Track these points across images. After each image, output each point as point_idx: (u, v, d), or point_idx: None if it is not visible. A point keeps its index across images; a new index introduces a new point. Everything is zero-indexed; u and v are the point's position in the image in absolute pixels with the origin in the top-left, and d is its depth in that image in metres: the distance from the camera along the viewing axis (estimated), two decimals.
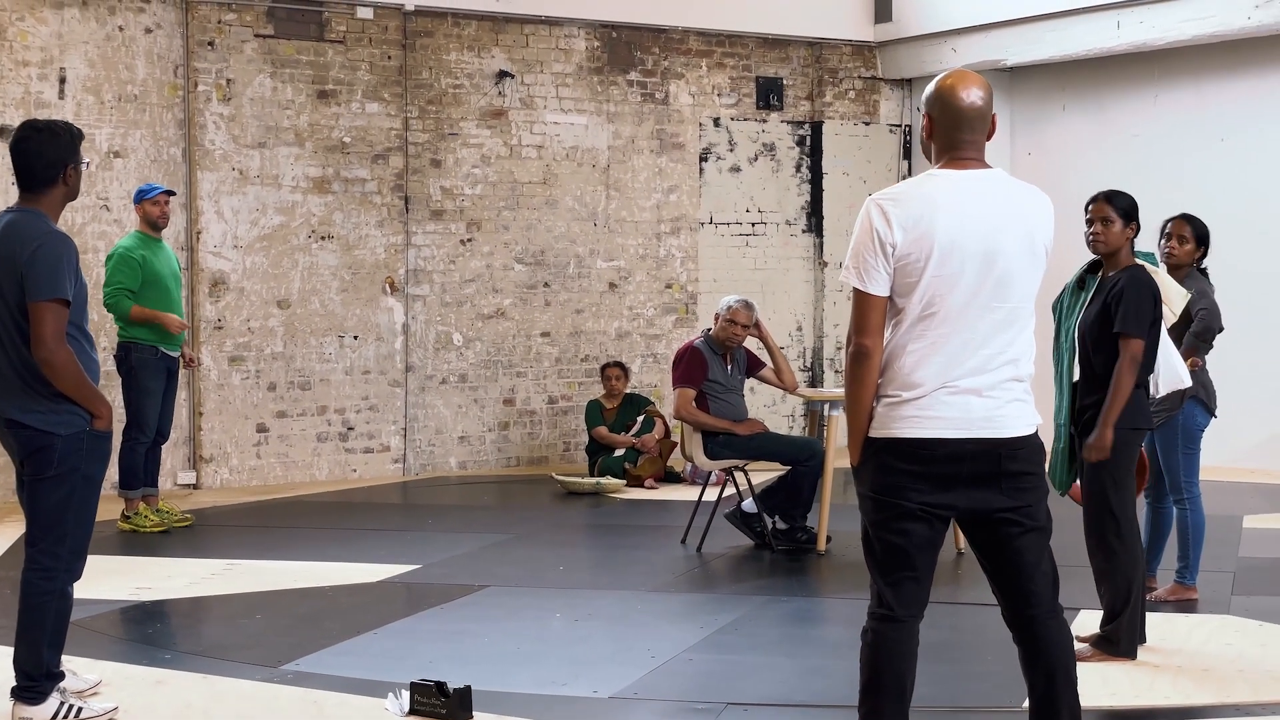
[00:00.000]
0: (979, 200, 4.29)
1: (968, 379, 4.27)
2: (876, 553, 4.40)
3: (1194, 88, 12.98)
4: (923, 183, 4.34)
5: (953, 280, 4.23)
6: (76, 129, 5.65)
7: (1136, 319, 6.18)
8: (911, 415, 4.27)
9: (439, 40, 12.75)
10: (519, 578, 8.33)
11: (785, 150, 14.42)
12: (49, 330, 5.31)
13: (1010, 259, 4.28)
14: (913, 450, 4.27)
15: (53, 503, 5.43)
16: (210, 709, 5.70)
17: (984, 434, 4.27)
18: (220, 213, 11.82)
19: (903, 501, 4.31)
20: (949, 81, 4.41)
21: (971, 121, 4.36)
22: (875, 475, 4.35)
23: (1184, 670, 6.24)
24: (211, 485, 11.82)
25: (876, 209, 4.27)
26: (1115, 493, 6.29)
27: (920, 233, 4.22)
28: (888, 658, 4.41)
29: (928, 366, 4.27)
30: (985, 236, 4.25)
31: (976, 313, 4.26)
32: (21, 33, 10.99)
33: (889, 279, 4.26)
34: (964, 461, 4.27)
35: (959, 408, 4.26)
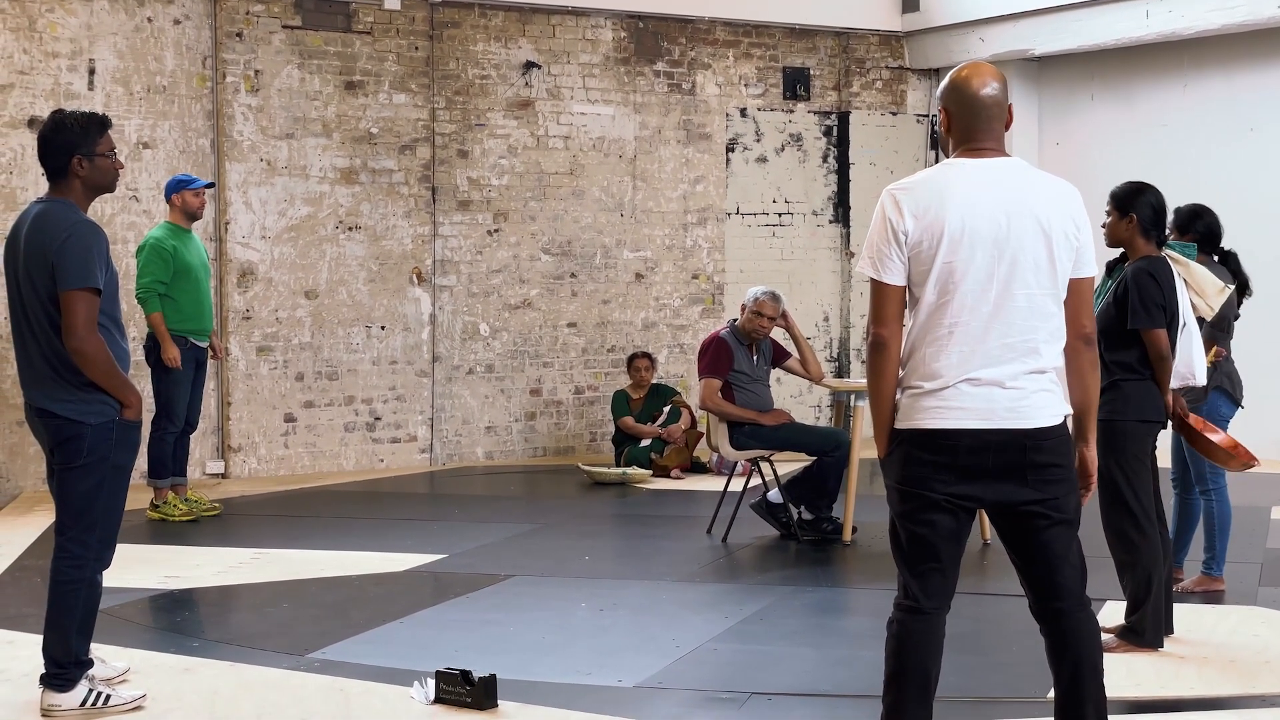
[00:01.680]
0: (991, 188, 4.29)
1: (990, 368, 4.24)
2: (903, 544, 4.40)
3: (1223, 78, 12.91)
4: (937, 171, 4.36)
5: (965, 266, 4.22)
6: (96, 119, 5.58)
7: (1145, 311, 6.21)
8: (934, 406, 4.26)
9: (466, 31, 12.77)
10: (545, 567, 8.35)
11: (812, 140, 14.39)
12: (80, 319, 5.34)
13: (1024, 246, 4.25)
14: (937, 441, 4.26)
15: (82, 491, 5.46)
16: (237, 697, 5.73)
17: (1008, 424, 4.24)
18: (248, 203, 11.86)
19: (928, 493, 4.29)
20: (964, 74, 4.43)
21: (988, 111, 4.39)
22: (901, 467, 4.34)
23: (1210, 661, 6.22)
24: (240, 475, 11.87)
25: (890, 198, 4.30)
26: (1128, 486, 6.29)
27: (930, 219, 4.23)
28: (912, 649, 4.40)
29: (948, 356, 4.26)
30: (996, 222, 4.24)
31: (995, 300, 4.24)
32: (51, 24, 11.05)
33: (904, 268, 4.27)
34: (988, 453, 4.25)
35: (982, 398, 4.24)
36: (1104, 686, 4.49)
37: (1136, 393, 6.26)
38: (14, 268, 5.52)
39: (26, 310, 5.48)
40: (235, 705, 5.62)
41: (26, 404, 5.59)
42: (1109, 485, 6.31)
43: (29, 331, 5.49)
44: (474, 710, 5.49)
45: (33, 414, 5.56)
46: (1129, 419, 6.25)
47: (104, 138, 5.57)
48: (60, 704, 5.48)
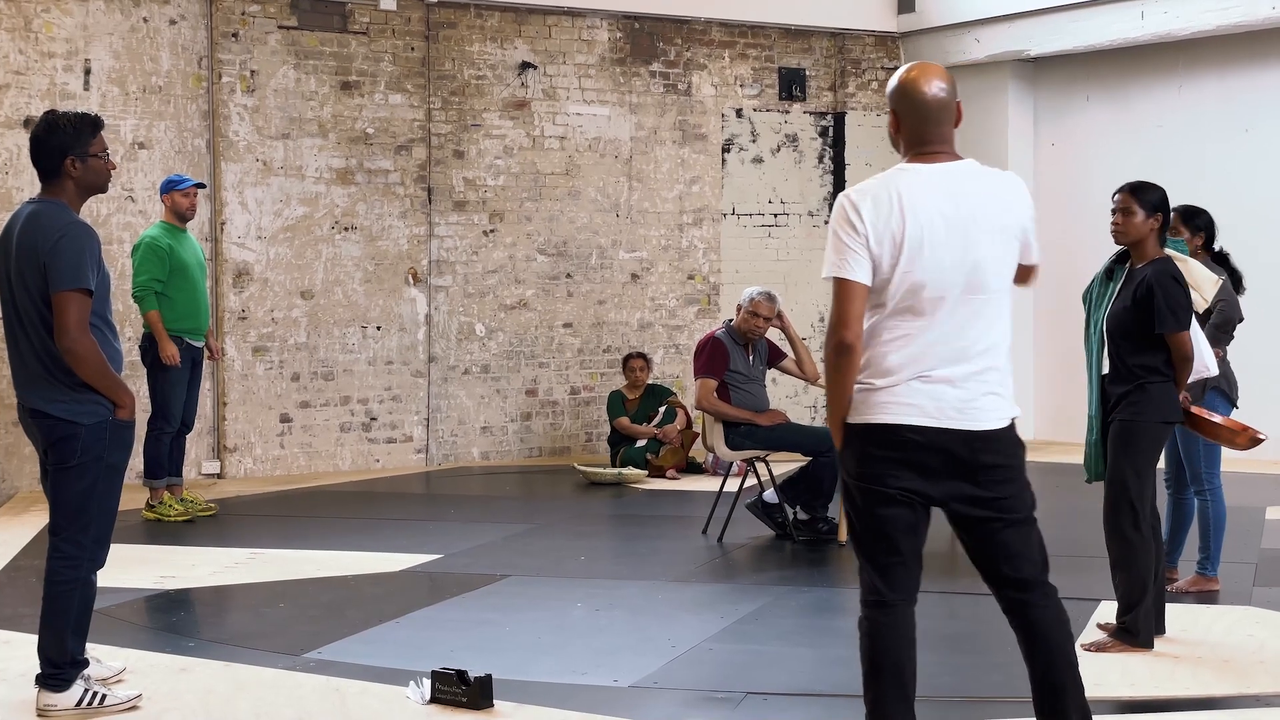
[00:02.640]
0: (950, 194, 4.30)
1: (942, 369, 4.29)
2: (863, 539, 4.44)
3: (1218, 78, 12.93)
4: (893, 178, 4.34)
5: (926, 275, 4.25)
6: (89, 119, 5.57)
7: (1174, 315, 6.19)
8: (884, 401, 4.30)
9: (462, 31, 12.77)
10: (540, 568, 8.36)
11: (808, 141, 14.40)
12: (72, 320, 5.33)
13: (983, 251, 4.30)
14: (888, 436, 4.30)
15: (76, 491, 5.46)
16: (233, 697, 5.73)
17: (956, 425, 4.29)
18: (244, 204, 11.86)
19: (882, 487, 4.33)
20: (911, 74, 4.42)
21: (936, 113, 4.37)
22: (856, 462, 4.38)
23: (1204, 661, 6.23)
24: (235, 475, 11.87)
25: (849, 202, 4.29)
26: (1137, 483, 6.29)
27: (892, 225, 4.25)
28: (884, 643, 4.46)
29: (901, 355, 4.30)
30: (957, 230, 4.27)
31: (951, 304, 4.28)
32: (47, 24, 11.05)
33: (870, 267, 4.27)
34: (937, 451, 4.30)
35: (931, 396, 4.28)
36: (1079, 675, 4.50)
37: (1160, 394, 6.27)
38: (6, 268, 5.51)
39: (19, 311, 5.48)
40: (231, 705, 5.62)
41: (20, 404, 5.58)
42: (1118, 484, 6.31)
43: (21, 332, 5.48)
44: (470, 710, 5.49)
45: (26, 414, 5.55)
46: (1153, 421, 6.26)
47: (96, 138, 5.56)
48: (56, 704, 5.47)
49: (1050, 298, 13.80)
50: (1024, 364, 14.21)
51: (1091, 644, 6.40)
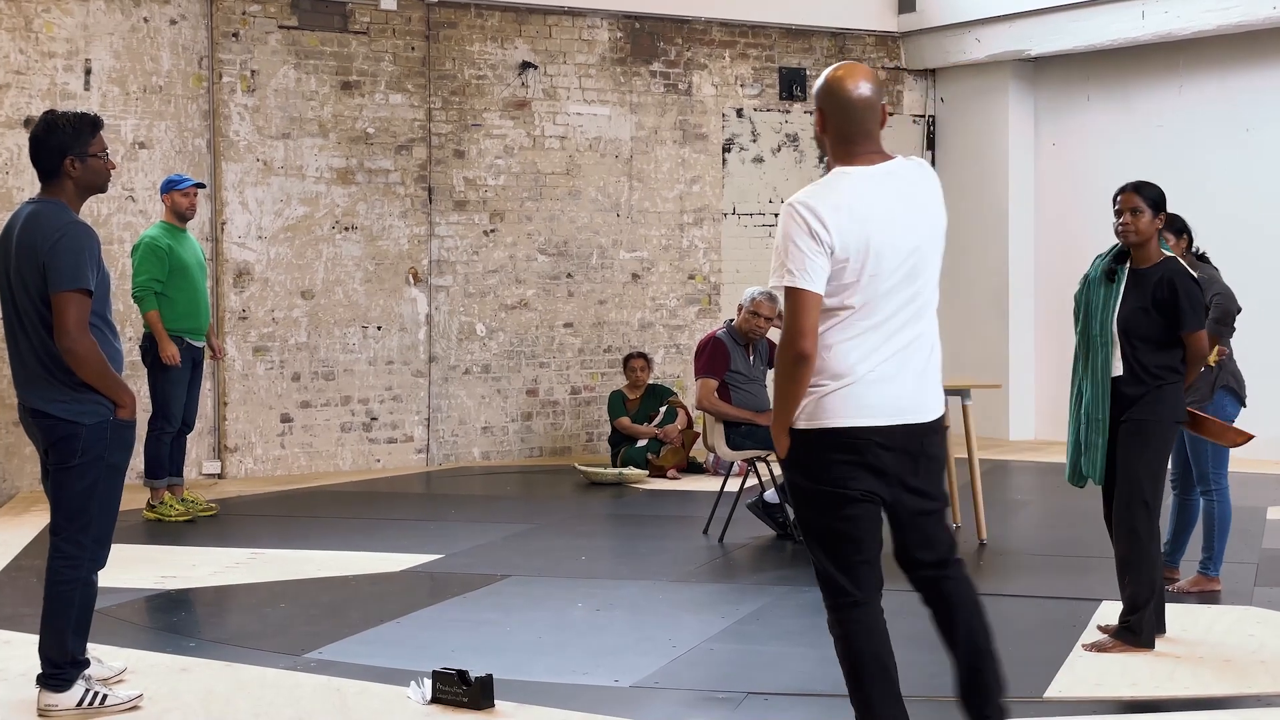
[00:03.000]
0: (897, 195, 4.40)
1: (893, 366, 4.38)
2: (826, 543, 4.48)
3: (1219, 78, 12.93)
4: (838, 183, 4.39)
5: (878, 277, 4.33)
6: (89, 119, 5.56)
7: (1195, 315, 6.24)
8: (842, 405, 4.35)
9: (462, 31, 12.77)
10: (541, 567, 8.35)
11: (808, 141, 14.40)
12: (71, 320, 5.32)
13: (922, 250, 4.41)
14: (847, 439, 4.36)
15: (77, 491, 5.46)
16: (234, 696, 5.73)
17: (909, 420, 4.41)
18: (245, 203, 11.86)
19: (845, 490, 4.39)
20: (838, 74, 4.47)
21: (863, 113, 4.43)
22: (815, 468, 4.41)
23: (1205, 661, 6.23)
24: (236, 475, 11.87)
25: (804, 209, 4.30)
26: (1151, 483, 6.28)
27: (857, 233, 4.30)
28: (863, 643, 4.49)
29: (855, 356, 4.35)
30: (902, 232, 4.37)
31: (896, 304, 4.37)
32: (47, 24, 11.05)
33: (826, 276, 4.30)
34: (892, 448, 4.39)
35: (885, 394, 4.37)
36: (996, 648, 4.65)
37: (1174, 394, 6.28)
38: (5, 268, 5.51)
39: (19, 311, 5.47)
40: (232, 705, 5.62)
41: (20, 404, 5.58)
42: (1132, 483, 6.27)
43: (21, 332, 5.48)
44: (470, 710, 5.49)
45: (26, 414, 5.55)
46: (1169, 420, 6.27)
47: (96, 138, 5.55)
48: (57, 704, 5.47)
49: (1051, 298, 13.81)
50: (1025, 365, 14.22)
51: (1092, 644, 6.40)
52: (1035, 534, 9.77)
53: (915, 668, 6.26)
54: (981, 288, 14.38)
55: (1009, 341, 14.17)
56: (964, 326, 14.58)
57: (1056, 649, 6.38)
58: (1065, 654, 6.30)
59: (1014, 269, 14.19)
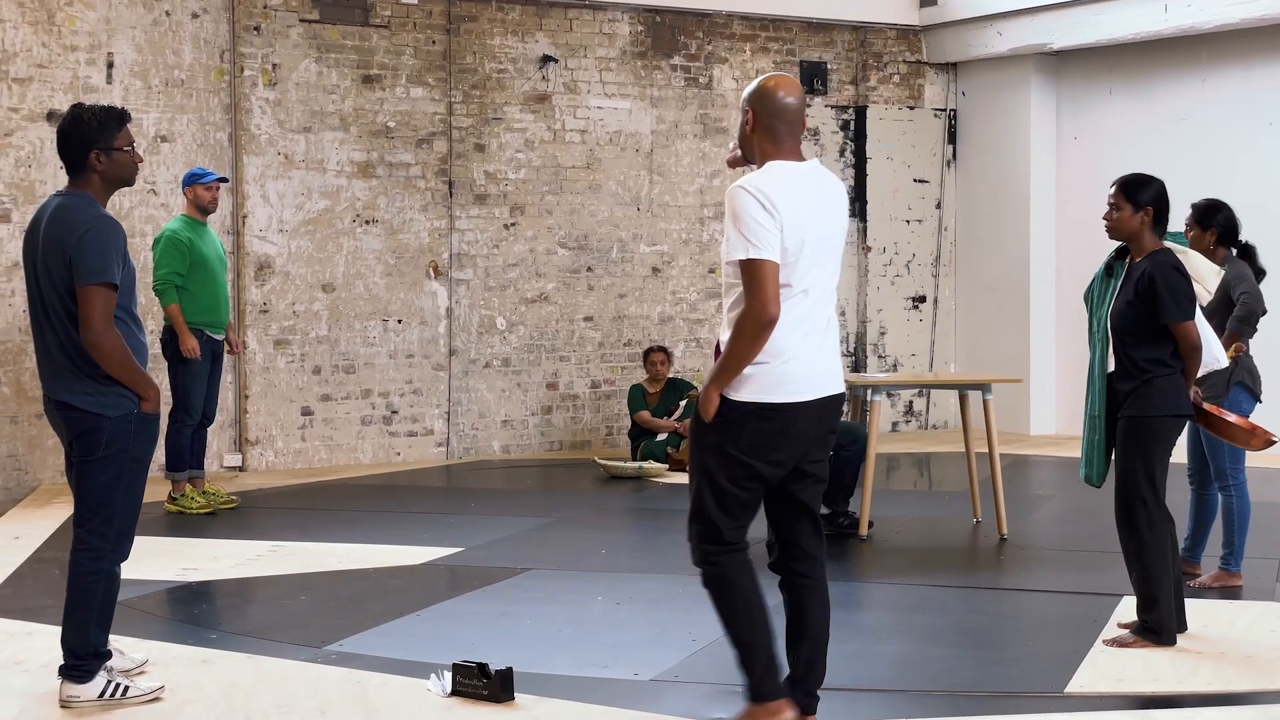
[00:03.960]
0: (822, 189, 4.92)
1: (819, 342, 4.86)
2: (729, 503, 4.88)
3: (1242, 72, 12.88)
4: (778, 172, 4.85)
5: (811, 261, 4.80)
6: (115, 113, 5.57)
7: (1177, 305, 6.17)
8: (776, 382, 4.77)
9: (483, 25, 12.78)
10: (561, 561, 8.36)
11: (829, 135, 14.38)
12: (96, 313, 5.34)
13: (838, 241, 4.95)
14: (774, 413, 4.78)
15: (101, 484, 5.47)
16: (255, 688, 5.75)
17: (831, 391, 4.91)
18: (266, 197, 11.89)
19: (766, 462, 4.83)
20: (772, 84, 4.96)
21: (792, 119, 4.93)
22: (741, 436, 4.79)
23: (1227, 656, 6.21)
24: (257, 468, 11.90)
25: (760, 193, 4.73)
26: (1148, 480, 6.26)
27: (796, 216, 4.76)
28: (748, 579, 4.94)
29: (795, 334, 4.79)
30: (827, 221, 4.88)
31: (822, 285, 4.87)
32: (69, 18, 11.08)
33: (780, 249, 4.72)
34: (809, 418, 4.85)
35: (813, 371, 4.83)
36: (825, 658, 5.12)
37: (1167, 388, 6.24)
38: (32, 261, 5.53)
39: (45, 303, 5.49)
40: (253, 697, 5.64)
41: (45, 396, 5.60)
42: (1130, 481, 6.28)
43: (48, 325, 5.50)
44: (490, 703, 5.50)
45: (51, 407, 5.57)
46: (1162, 414, 6.23)
47: (122, 132, 5.56)
48: (79, 695, 5.49)
49: (1073, 293, 13.76)
50: (1046, 359, 14.19)
51: (1112, 640, 6.38)
52: (1056, 529, 9.75)
53: (933, 663, 6.26)
54: (1002, 282, 14.35)
55: (1030, 336, 14.14)
56: (985, 321, 14.56)
57: (1078, 644, 6.37)
58: (1086, 649, 6.29)
59: (1035, 263, 14.15)
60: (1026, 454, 12.84)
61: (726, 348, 4.77)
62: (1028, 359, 14.03)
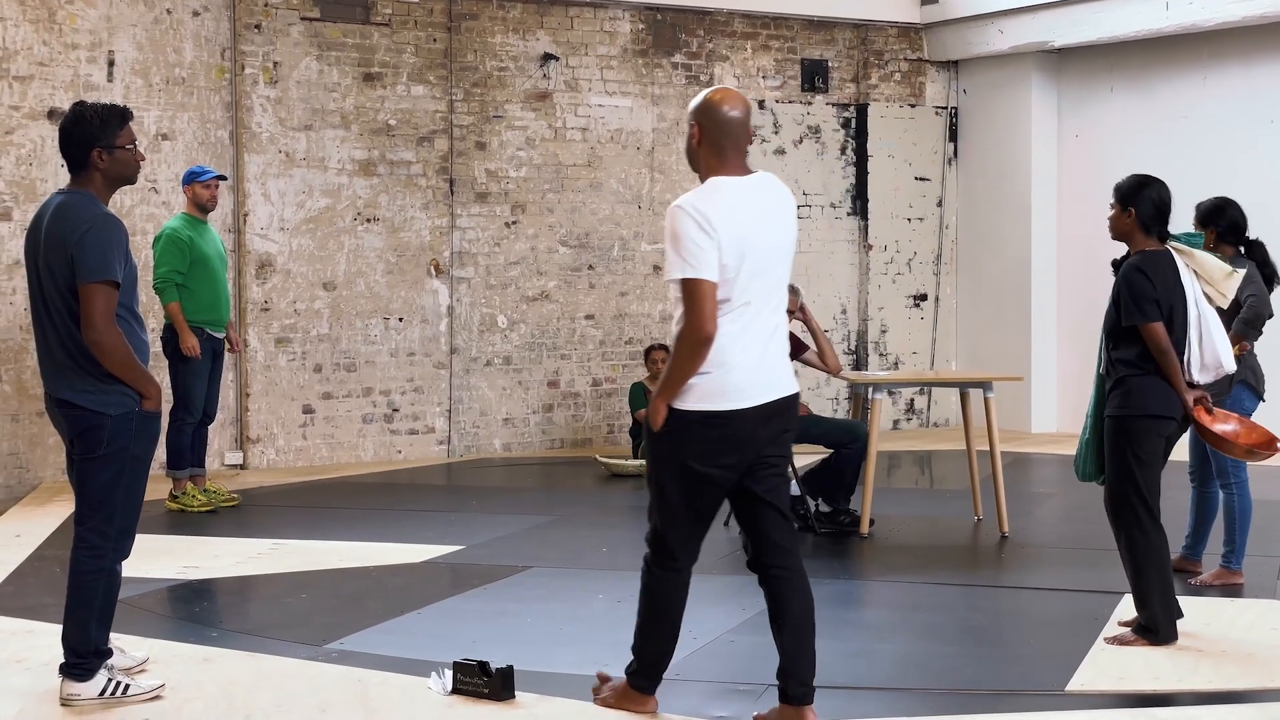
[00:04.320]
0: (764, 203, 5.03)
1: (765, 350, 4.99)
2: (673, 512, 5.12)
3: (1243, 70, 12.87)
4: (718, 189, 4.98)
5: (752, 274, 4.92)
6: (117, 111, 5.57)
7: (1137, 307, 6.22)
8: (718, 391, 4.93)
9: (484, 23, 12.77)
10: (562, 559, 8.37)
11: (830, 133, 14.38)
12: (98, 312, 5.33)
13: (784, 251, 5.07)
14: (718, 420, 4.94)
15: (102, 482, 5.47)
16: (256, 686, 5.75)
17: (778, 395, 5.03)
18: (267, 195, 11.89)
19: (716, 467, 5.01)
20: (717, 97, 5.07)
21: (737, 132, 5.05)
22: (686, 445, 4.99)
23: (1228, 655, 6.21)
24: (258, 466, 11.90)
25: (696, 212, 4.88)
26: (1131, 480, 6.27)
27: (736, 233, 4.88)
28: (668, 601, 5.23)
29: (739, 344, 4.93)
30: (772, 234, 5.00)
31: (764, 296, 4.99)
32: (70, 15, 11.08)
33: (719, 267, 4.86)
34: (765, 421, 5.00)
35: (754, 379, 4.97)
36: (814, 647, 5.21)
37: (1141, 388, 6.25)
38: (34, 259, 5.53)
39: (46, 301, 5.49)
40: (253, 695, 5.64)
41: (46, 394, 5.60)
42: (1114, 481, 6.32)
43: (49, 322, 5.49)
44: (491, 701, 5.50)
45: (53, 404, 5.57)
46: (1134, 414, 6.26)
47: (124, 130, 5.55)
48: (79, 693, 5.49)
49: (1073, 291, 13.78)
50: (1047, 357, 14.18)
51: (1113, 638, 6.39)
52: (1057, 527, 9.75)
53: (934, 661, 6.26)
54: (1003, 280, 14.34)
55: (1031, 334, 14.13)
56: (986, 319, 14.56)
57: (1078, 642, 6.37)
58: (1087, 647, 6.29)
59: (1036, 261, 14.14)
60: (1028, 452, 12.84)
61: (669, 362, 4.98)
62: (1029, 357, 14.02)
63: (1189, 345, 6.29)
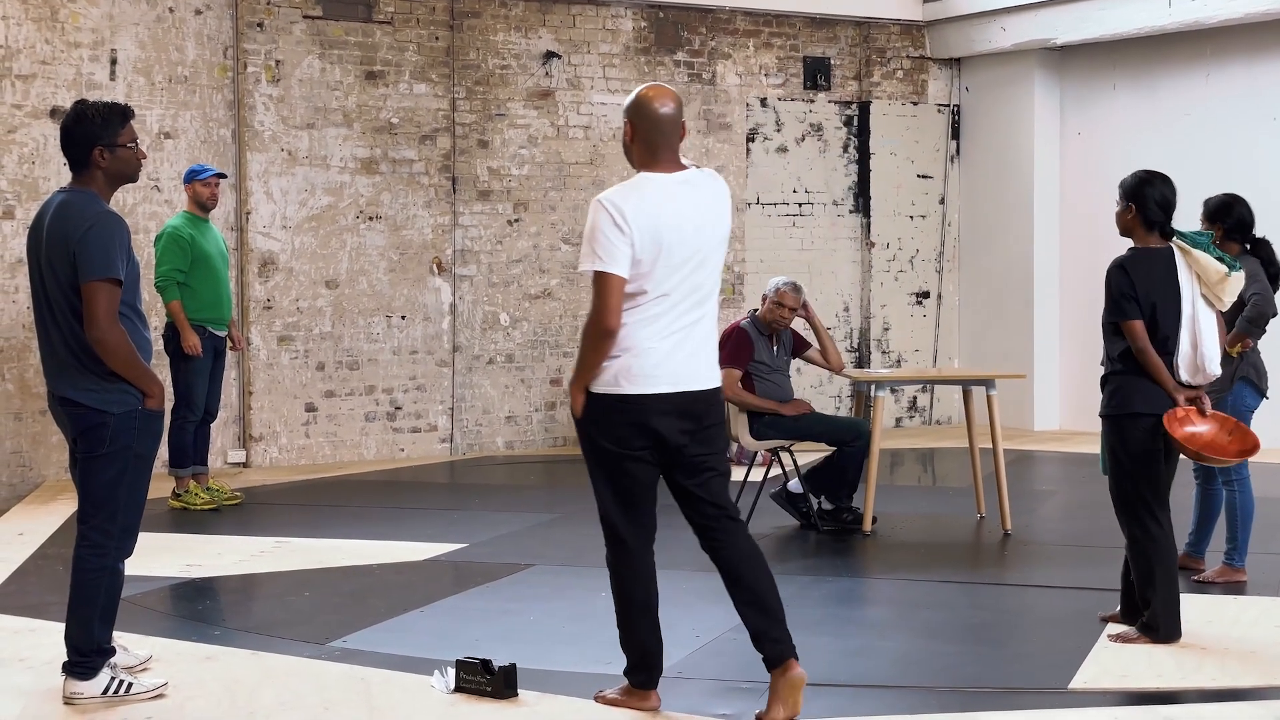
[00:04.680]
0: (686, 199, 5.10)
1: (672, 343, 5.08)
2: (607, 493, 5.30)
3: (1246, 67, 12.86)
4: (640, 185, 5.09)
5: (671, 267, 5.03)
6: (118, 109, 5.57)
7: (1114, 305, 6.25)
8: (629, 375, 5.05)
9: (486, 21, 12.77)
10: (564, 557, 8.37)
11: (832, 130, 14.37)
12: (101, 310, 5.33)
13: (710, 245, 5.14)
14: (631, 404, 5.07)
15: (105, 480, 5.47)
16: (259, 685, 5.75)
17: (685, 388, 5.12)
18: (269, 193, 11.89)
19: (626, 449, 5.15)
20: (648, 94, 5.17)
21: (668, 128, 5.14)
22: (604, 427, 5.14)
23: (1231, 652, 6.20)
24: (261, 464, 11.91)
25: (610, 205, 5.01)
26: (1131, 479, 6.27)
27: (646, 229, 4.99)
28: (630, 584, 5.36)
29: (643, 333, 5.04)
30: (695, 228, 5.07)
31: (682, 291, 5.08)
32: (73, 14, 11.08)
33: (630, 261, 4.99)
34: (670, 414, 5.09)
35: (667, 367, 5.07)
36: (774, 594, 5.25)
37: (1126, 386, 6.27)
38: (36, 257, 5.53)
39: (49, 300, 5.49)
40: (256, 693, 5.64)
41: (49, 393, 5.60)
42: (1117, 477, 6.32)
43: (52, 321, 5.49)
44: (494, 699, 5.51)
45: (55, 403, 5.57)
46: (1120, 413, 6.28)
47: (125, 128, 5.55)
48: (82, 692, 5.49)
49: (1076, 288, 13.77)
50: (1049, 355, 14.17)
51: (1116, 635, 6.38)
52: (1060, 524, 9.75)
53: (936, 658, 6.26)
54: (1006, 278, 14.33)
55: (1034, 331, 14.12)
56: (988, 317, 14.55)
57: (1082, 640, 6.37)
58: (1090, 645, 6.29)
59: (1039, 259, 14.14)
60: (1030, 449, 12.83)
61: (578, 351, 5.15)
62: (1031, 354, 14.02)
63: (1179, 345, 6.25)
